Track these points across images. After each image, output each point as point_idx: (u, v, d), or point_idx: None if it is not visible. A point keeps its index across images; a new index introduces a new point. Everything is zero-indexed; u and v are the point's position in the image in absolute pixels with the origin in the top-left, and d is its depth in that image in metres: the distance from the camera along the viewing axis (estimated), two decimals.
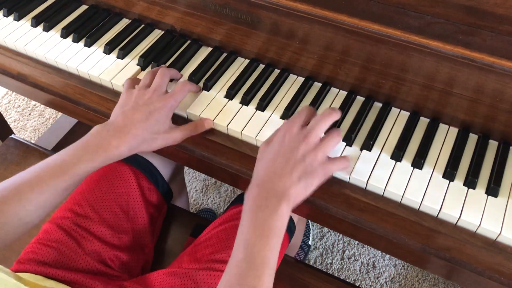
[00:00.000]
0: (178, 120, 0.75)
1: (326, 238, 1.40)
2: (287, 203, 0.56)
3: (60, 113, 1.71)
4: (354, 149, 0.68)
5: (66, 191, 0.63)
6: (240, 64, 0.81)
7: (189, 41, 0.85)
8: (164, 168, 0.92)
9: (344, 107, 0.73)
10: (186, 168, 1.57)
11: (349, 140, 0.69)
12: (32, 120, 1.76)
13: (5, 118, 1.56)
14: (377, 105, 0.74)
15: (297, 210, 0.63)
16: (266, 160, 0.60)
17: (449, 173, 0.64)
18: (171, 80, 0.78)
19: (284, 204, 0.56)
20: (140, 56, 0.82)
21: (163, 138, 0.68)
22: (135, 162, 0.87)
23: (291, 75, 0.79)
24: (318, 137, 0.60)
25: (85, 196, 0.81)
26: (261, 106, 0.74)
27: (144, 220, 0.83)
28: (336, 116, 0.63)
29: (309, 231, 1.39)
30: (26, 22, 0.91)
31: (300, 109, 0.65)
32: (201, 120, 0.73)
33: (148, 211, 0.84)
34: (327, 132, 0.63)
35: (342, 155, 0.67)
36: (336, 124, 0.71)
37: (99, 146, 0.64)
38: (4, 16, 0.92)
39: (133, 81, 0.75)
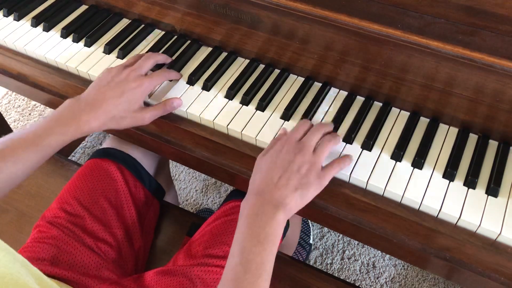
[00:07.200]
0: (178, 120, 0.75)
1: (326, 238, 1.40)
2: (284, 211, 0.58)
3: None
4: (354, 149, 0.68)
5: (37, 163, 0.65)
6: (240, 64, 0.81)
7: (189, 41, 0.85)
8: (148, 163, 0.92)
9: (344, 107, 0.73)
10: (186, 168, 1.57)
11: (349, 140, 0.69)
12: (32, 120, 1.76)
13: (5, 118, 1.56)
14: (377, 105, 0.74)
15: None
16: (263, 171, 0.62)
17: (449, 173, 0.64)
18: (170, 81, 0.78)
19: (281, 212, 0.58)
20: None
21: (131, 117, 0.70)
22: (119, 158, 0.87)
23: (291, 75, 0.79)
24: (312, 149, 0.63)
25: (73, 194, 0.81)
26: (261, 106, 0.74)
27: (132, 215, 0.84)
28: (328, 128, 0.67)
29: (309, 230, 1.39)
30: (26, 22, 0.91)
31: (297, 124, 0.68)
32: (169, 99, 0.73)
33: (136, 206, 0.85)
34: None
35: (342, 154, 0.68)
36: (337, 125, 0.71)
37: (70, 120, 0.66)
38: (4, 16, 0.92)
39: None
